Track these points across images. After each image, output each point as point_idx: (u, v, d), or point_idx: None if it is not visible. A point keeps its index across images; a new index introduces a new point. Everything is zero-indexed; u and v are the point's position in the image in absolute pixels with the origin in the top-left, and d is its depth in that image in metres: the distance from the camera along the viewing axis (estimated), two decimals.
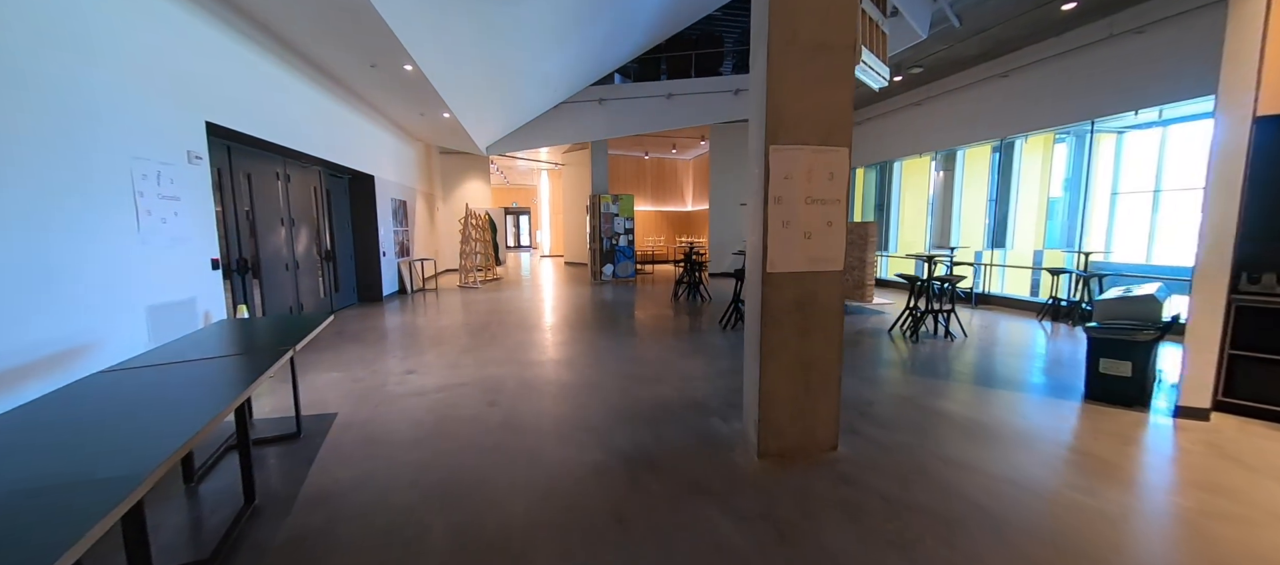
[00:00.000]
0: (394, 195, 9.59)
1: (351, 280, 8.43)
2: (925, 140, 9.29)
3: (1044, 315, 6.91)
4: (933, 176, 10.03)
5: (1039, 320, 6.77)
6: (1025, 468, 2.69)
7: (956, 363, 4.68)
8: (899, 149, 10.00)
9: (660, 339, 5.67)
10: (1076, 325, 6.34)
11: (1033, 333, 6.01)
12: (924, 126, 9.23)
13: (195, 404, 1.79)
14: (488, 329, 6.27)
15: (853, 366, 4.52)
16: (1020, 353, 5.07)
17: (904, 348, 5.24)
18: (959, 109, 8.53)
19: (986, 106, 8.02)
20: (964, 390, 3.92)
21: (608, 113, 10.63)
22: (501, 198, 25.73)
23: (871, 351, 5.10)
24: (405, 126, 9.98)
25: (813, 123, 2.59)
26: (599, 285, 10.87)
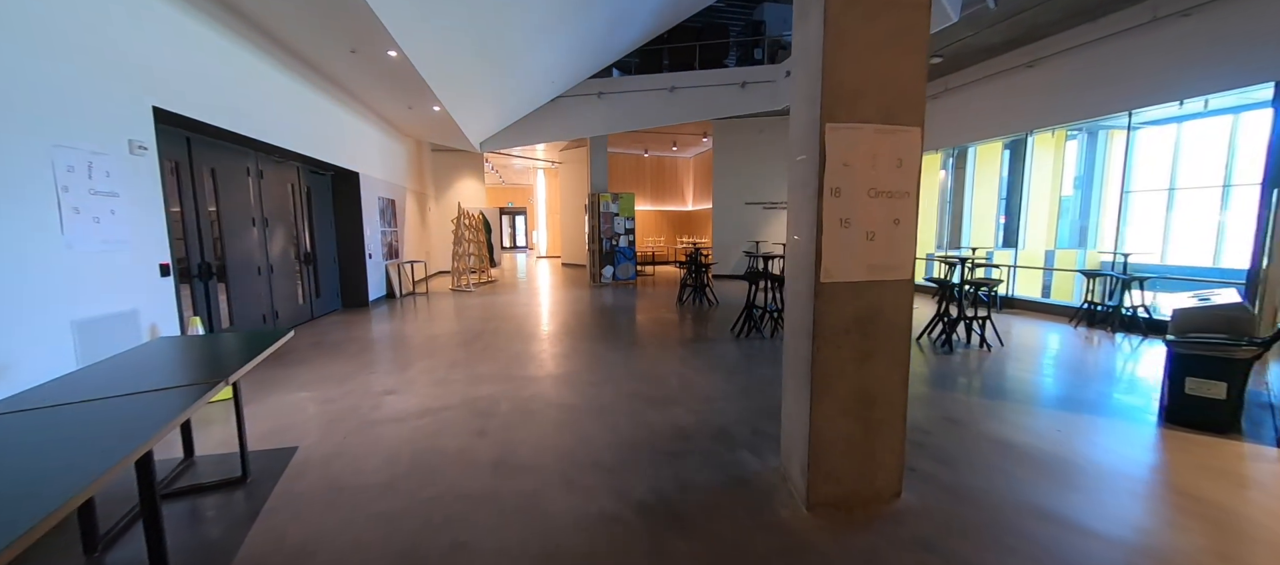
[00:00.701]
0: (381, 194, 9.04)
1: (334, 284, 7.87)
2: (941, 136, 8.82)
3: (1078, 320, 6.45)
4: (941, 175, 9.60)
5: (1073, 326, 6.30)
6: (1135, 520, 2.19)
7: (1002, 378, 4.19)
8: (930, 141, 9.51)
9: (669, 349, 5.16)
10: (1116, 332, 5.87)
11: (1071, 341, 5.53)
12: (940, 122, 8.76)
13: (60, 467, 1.27)
14: (480, 338, 5.74)
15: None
16: (1067, 365, 4.58)
17: (938, 360, 4.75)
18: (979, 102, 8.06)
19: (1009, 99, 7.56)
20: (1022, 412, 3.42)
21: (607, 107, 10.11)
22: (496, 197, 25.16)
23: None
24: (393, 121, 9.43)
25: (878, 96, 2.08)
26: (598, 288, 10.35)
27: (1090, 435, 3.07)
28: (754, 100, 9.53)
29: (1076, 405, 3.56)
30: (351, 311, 7.73)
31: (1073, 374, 4.32)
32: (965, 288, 5.33)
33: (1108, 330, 6.00)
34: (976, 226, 9.03)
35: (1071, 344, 5.40)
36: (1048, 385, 4.01)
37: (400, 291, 9.28)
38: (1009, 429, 3.15)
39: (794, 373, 2.37)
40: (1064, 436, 3.04)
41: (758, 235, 12.09)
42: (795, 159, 2.35)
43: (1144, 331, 5.74)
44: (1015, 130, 7.62)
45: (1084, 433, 3.10)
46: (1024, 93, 7.32)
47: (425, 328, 6.44)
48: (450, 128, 9.35)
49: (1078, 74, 6.60)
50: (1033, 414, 3.40)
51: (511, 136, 10.53)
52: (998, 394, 3.80)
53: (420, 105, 8.11)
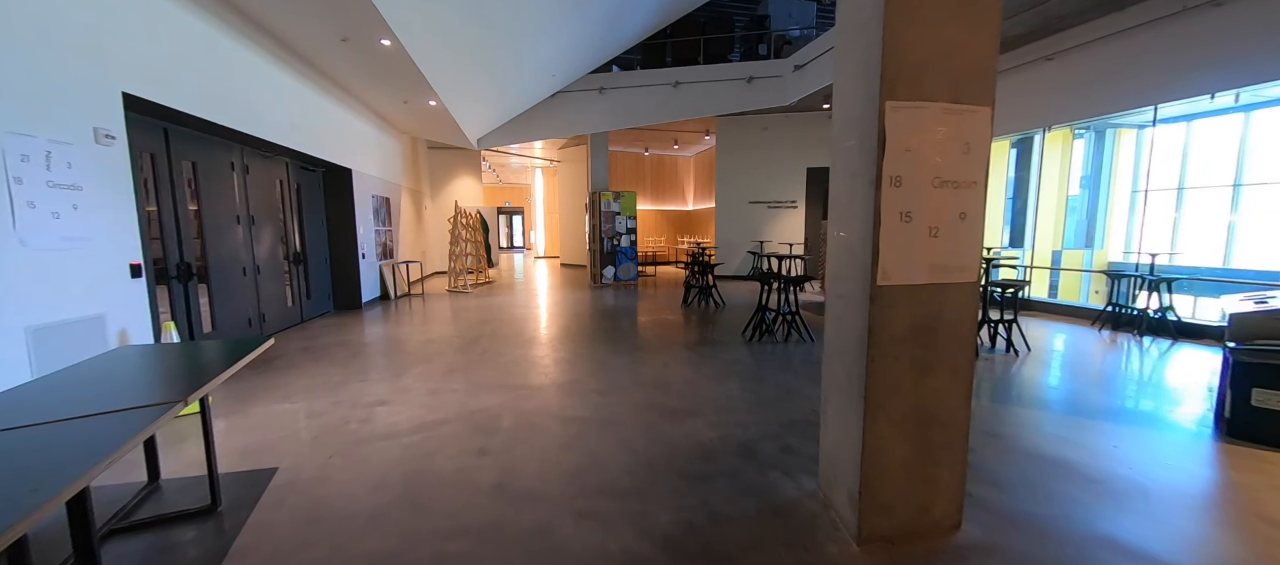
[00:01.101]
0: (375, 192, 8.72)
1: (326, 285, 7.55)
2: None
3: (1101, 323, 6.20)
4: None
5: (1097, 329, 6.05)
6: (1224, 554, 1.92)
7: (1036, 386, 3.92)
8: None
9: (679, 354, 4.87)
10: (1143, 335, 5.62)
11: (1098, 345, 5.28)
12: None
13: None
14: (478, 343, 5.44)
15: None
16: (1102, 371, 4.33)
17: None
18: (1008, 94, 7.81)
19: (1026, 94, 7.31)
20: (1066, 425, 3.16)
21: (609, 103, 9.82)
22: (494, 197, 24.82)
23: None
24: (388, 117, 9.11)
25: (945, 71, 1.80)
26: (599, 289, 10.06)
27: (1146, 450, 2.80)
28: (761, 96, 9.26)
29: (1123, 416, 3.30)
30: (344, 314, 7.42)
31: (1110, 381, 4.06)
32: (989, 289, 5.07)
33: (1134, 333, 5.76)
34: (986, 225, 8.78)
35: (1100, 348, 5.15)
36: (1086, 394, 3.75)
37: (395, 293, 8.96)
38: (1057, 444, 2.88)
39: (840, 388, 2.09)
40: (1119, 452, 2.78)
41: (762, 235, 11.83)
42: (841, 145, 2.07)
43: (1173, 335, 5.50)
44: (1031, 126, 7.38)
45: (1139, 447, 2.84)
46: (1042, 88, 7.09)
47: (421, 331, 6.13)
48: (447, 124, 9.04)
49: (1100, 68, 6.37)
50: (1078, 426, 3.14)
51: (510, 133, 10.23)
52: (1035, 403, 3.53)
53: (416, 99, 7.80)
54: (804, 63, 8.56)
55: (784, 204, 11.72)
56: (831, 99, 7.07)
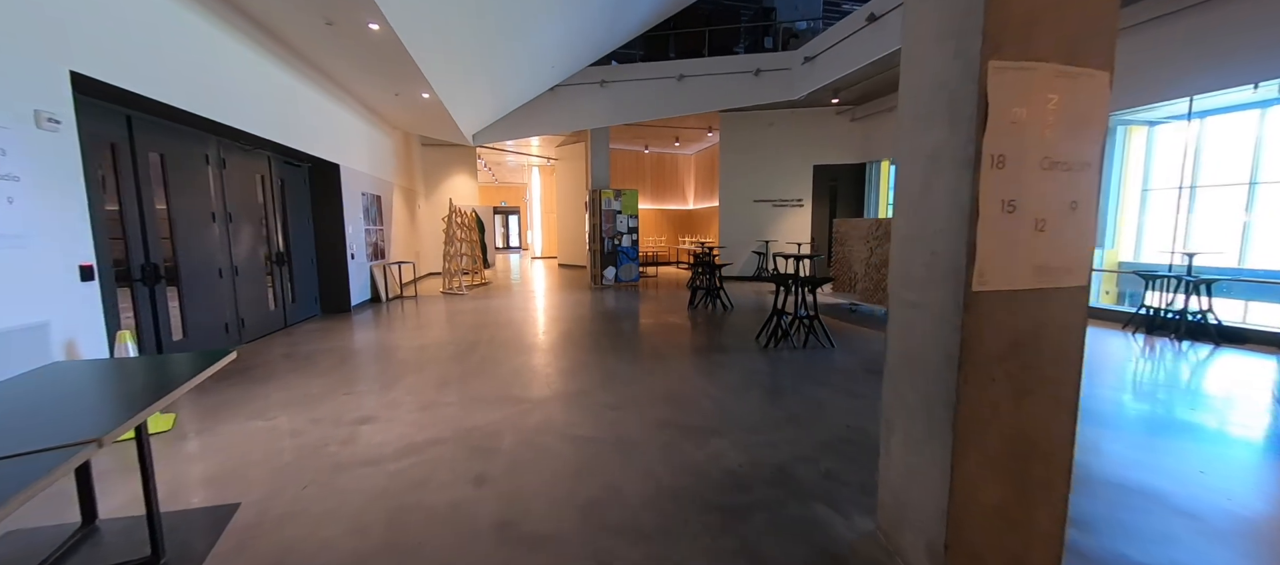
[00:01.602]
0: (366, 189, 8.32)
1: (312, 288, 7.15)
2: None
3: (1135, 326, 5.89)
4: None
5: (1130, 332, 5.74)
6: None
7: (1092, 399, 3.59)
8: None
9: (690, 362, 4.51)
10: (1181, 340, 5.31)
11: (1136, 351, 4.96)
12: None
13: None
14: (474, 350, 5.06)
15: None
16: (1155, 382, 4.00)
17: None
18: None
19: None
20: (1138, 445, 2.82)
21: (610, 97, 9.46)
22: (490, 197, 24.41)
23: None
24: (380, 111, 8.71)
25: (1056, 25, 1.45)
26: (600, 291, 9.69)
27: (1239, 476, 2.47)
28: (769, 89, 8.92)
29: (1194, 434, 2.96)
30: (331, 318, 7.01)
31: (1168, 393, 3.73)
32: None
33: (1171, 337, 5.45)
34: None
35: (1141, 355, 4.83)
36: (1147, 407, 3.42)
37: (386, 295, 8.56)
38: (1135, 469, 2.54)
39: (912, 415, 1.74)
40: (1209, 479, 2.44)
41: (767, 234, 11.49)
42: (913, 123, 1.72)
43: (1215, 340, 5.19)
44: None
45: (1228, 473, 2.50)
46: None
47: (413, 336, 5.75)
48: (441, 118, 8.65)
49: (1130, 57, 6.05)
50: (1150, 446, 2.80)
51: (507, 128, 9.85)
52: (1098, 421, 3.19)
53: (408, 91, 7.41)
54: (814, 54, 8.23)
55: (789, 202, 11.38)
56: (837, 89, 6.44)
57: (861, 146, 10.92)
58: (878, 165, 10.89)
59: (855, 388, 3.79)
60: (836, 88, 9.32)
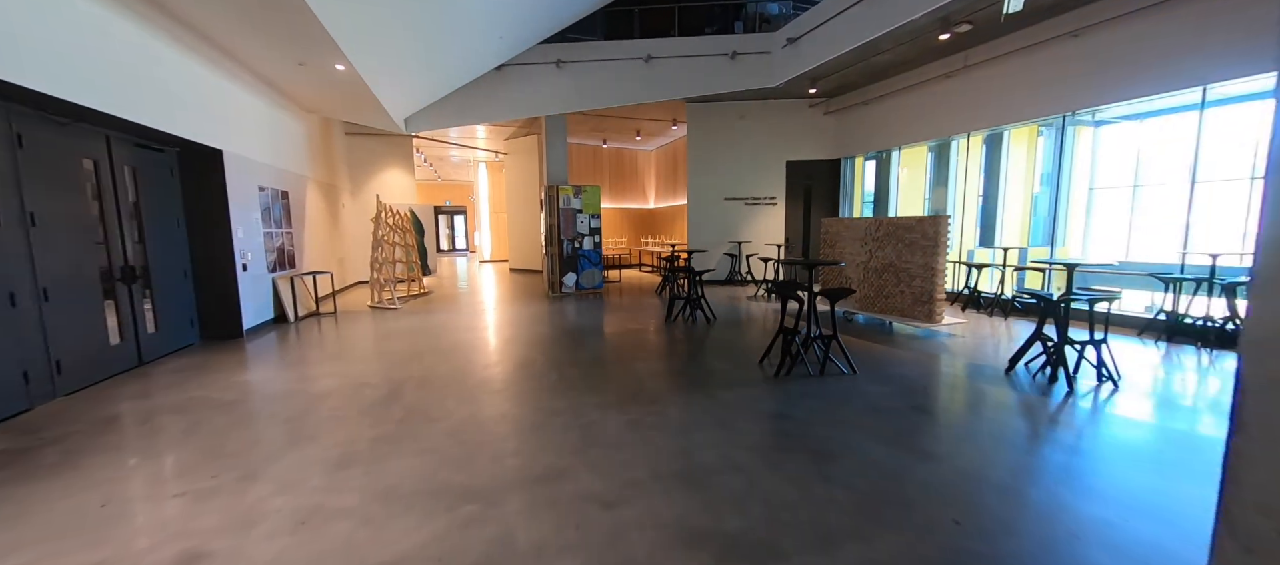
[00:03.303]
0: (265, 183, 6.71)
1: (187, 308, 5.53)
2: (967, 118, 7.70)
3: (1156, 334, 5.40)
4: (932, 167, 8.65)
5: (1151, 340, 5.23)
6: None
7: (1202, 441, 2.83)
8: (921, 130, 8.39)
9: (694, 404, 3.46)
10: (1208, 348, 4.83)
11: (1177, 363, 4.38)
12: (968, 102, 7.61)
13: None
14: (399, 396, 3.77)
15: (1073, 472, 2.54)
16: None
17: (1070, 407, 3.37)
18: (1011, 79, 6.97)
19: (1049, 74, 6.49)
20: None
21: (569, 80, 8.27)
22: (431, 194, 22.43)
23: (1047, 428, 3.16)
24: (285, 87, 7.10)
25: None
26: (560, 300, 8.48)
27: None
28: (745, 74, 8.04)
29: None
30: (214, 348, 5.43)
31: None
32: (1066, 304, 4.01)
33: (1196, 346, 4.96)
34: (1007, 221, 8.05)
35: (1187, 369, 4.24)
36: None
37: (296, 313, 6.98)
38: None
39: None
40: None
41: (739, 234, 10.67)
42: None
43: None
44: (1053, 111, 6.57)
45: None
46: (1067, 67, 6.27)
47: (319, 373, 4.35)
48: (364, 99, 7.16)
49: (1135, 44, 5.58)
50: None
51: (447, 113, 8.44)
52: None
53: (317, 60, 5.92)
54: (798, 35, 7.41)
55: (763, 200, 10.61)
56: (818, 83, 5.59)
57: (835, 142, 10.30)
58: (852, 162, 10.32)
59: (919, 440, 2.86)
60: (815, 76, 8.59)
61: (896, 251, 5.83)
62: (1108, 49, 5.83)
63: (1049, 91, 6.50)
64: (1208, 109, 5.34)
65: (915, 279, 5.63)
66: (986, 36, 6.81)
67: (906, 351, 4.89)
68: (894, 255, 5.86)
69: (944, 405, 3.47)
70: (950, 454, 2.69)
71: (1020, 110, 6.87)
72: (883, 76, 8.60)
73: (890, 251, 5.91)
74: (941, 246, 5.35)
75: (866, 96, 9.31)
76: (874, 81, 8.90)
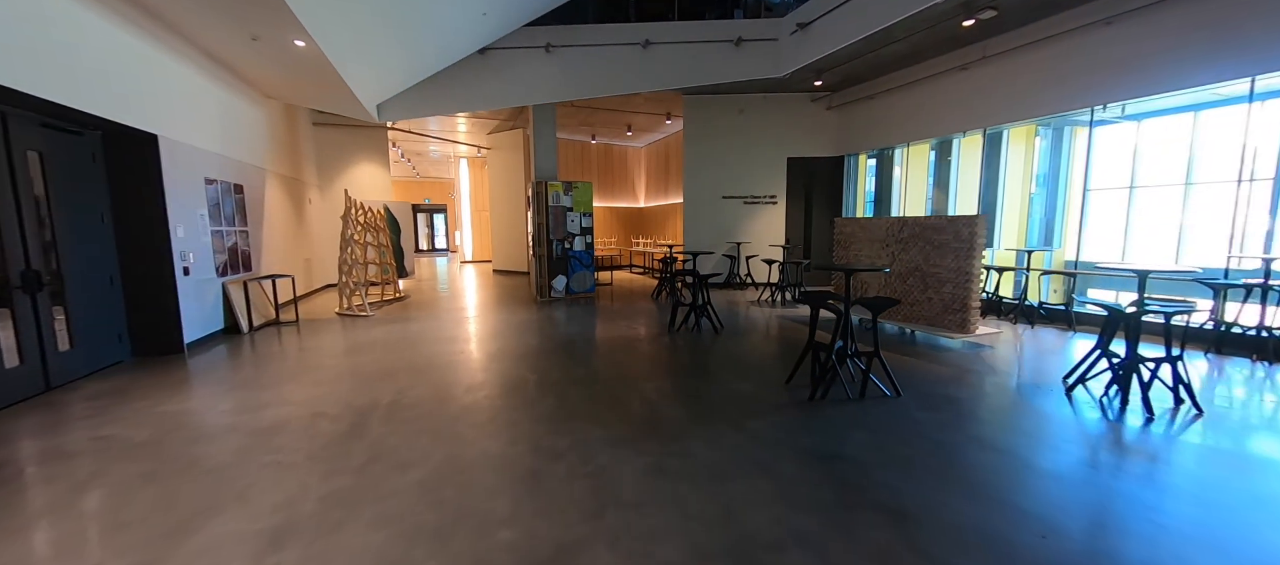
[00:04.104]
0: (214, 174, 5.91)
1: (114, 321, 4.73)
2: (974, 114, 7.27)
3: (1205, 346, 5.00)
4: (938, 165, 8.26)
5: (1202, 353, 4.82)
6: None
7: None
8: (932, 126, 7.95)
9: (725, 440, 2.87)
10: (1266, 361, 4.42)
11: (1243, 377, 3.95)
12: (984, 93, 7.17)
13: None
14: (362, 432, 3.09)
15: (1202, 527, 2.01)
16: None
17: (1158, 438, 2.87)
18: (1035, 71, 6.54)
19: (1072, 65, 6.07)
20: None
21: (559, 65, 7.61)
22: (409, 192, 21.48)
23: (1155, 469, 2.65)
24: (239, 68, 6.30)
25: None
26: (549, 305, 7.81)
27: None
28: (750, 62, 7.49)
29: None
30: (148, 365, 4.65)
31: None
32: (1138, 317, 3.53)
33: (1253, 358, 4.56)
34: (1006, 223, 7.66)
35: (1260, 385, 3.80)
36: None
37: (250, 323, 6.18)
38: None
39: None
40: None
41: (738, 235, 10.13)
42: None
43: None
44: (1081, 105, 6.15)
45: None
46: (1096, 57, 5.85)
47: (265, 400, 3.63)
48: (330, 82, 6.39)
49: (1177, 32, 5.18)
50: None
51: (424, 101, 7.70)
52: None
53: (273, 33, 5.17)
54: (809, 20, 6.88)
55: (762, 199, 10.09)
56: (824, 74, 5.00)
57: (838, 138, 9.84)
58: (856, 159, 9.87)
59: (1009, 491, 2.31)
60: (821, 68, 8.09)
61: (923, 254, 5.33)
62: (1148, 36, 5.41)
63: (1076, 83, 6.07)
64: (1255, 102, 4.96)
65: (945, 284, 5.13)
66: (1010, 24, 6.37)
67: (943, 366, 4.37)
68: (921, 258, 5.35)
69: (1016, 439, 2.94)
70: (1058, 515, 2.14)
71: (1045, 104, 6.44)
72: (892, 69, 8.15)
73: (916, 254, 5.41)
74: (977, 249, 4.86)
75: (872, 90, 8.85)
76: (882, 74, 8.44)
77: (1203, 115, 5.76)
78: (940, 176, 8.47)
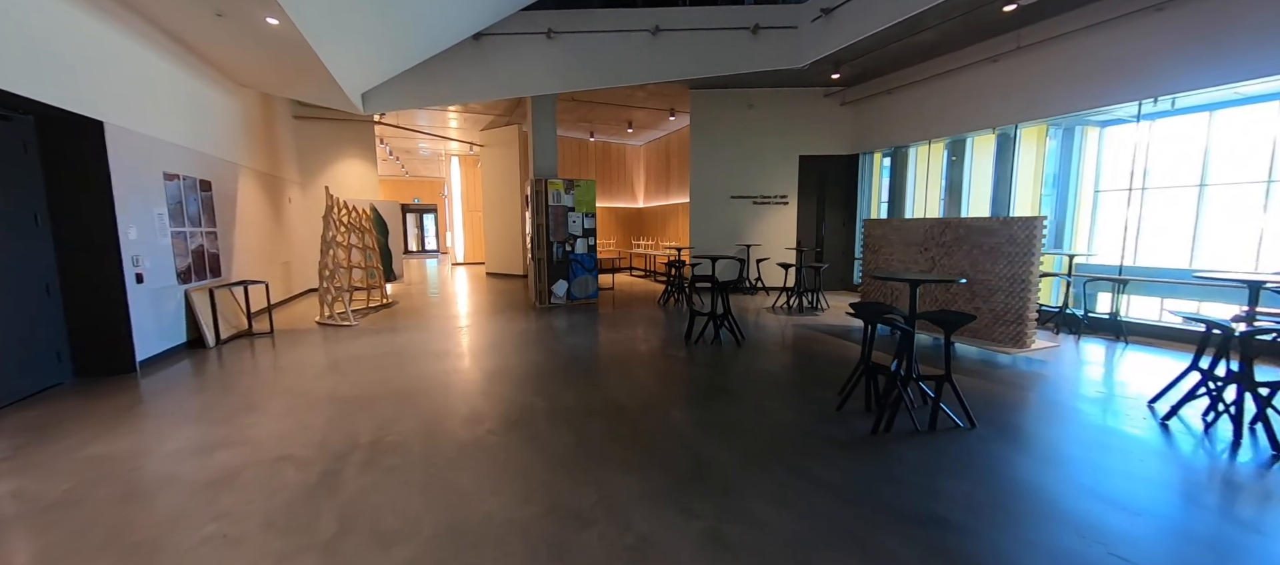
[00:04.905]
0: (174, 168, 5.26)
1: (51, 336, 4.07)
2: (1005, 108, 6.79)
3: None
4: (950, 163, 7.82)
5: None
6: None
7: None
8: (956, 122, 7.47)
9: (787, 490, 2.31)
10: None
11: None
12: (1008, 89, 6.70)
13: None
14: (338, 477, 2.49)
15: None
16: None
17: (1250, 473, 2.36)
18: (1069, 62, 6.08)
19: (1118, 52, 5.61)
20: None
21: (561, 53, 7.03)
22: (399, 192, 20.74)
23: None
24: (205, 49, 5.65)
25: None
26: (549, 313, 7.22)
27: None
28: (767, 51, 6.97)
29: None
30: (88, 390, 3.99)
31: None
32: (1258, 335, 3.03)
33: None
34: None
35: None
36: None
37: (217, 335, 5.52)
38: None
39: None
40: None
41: (747, 237, 9.61)
42: None
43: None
44: (1126, 98, 5.68)
45: None
46: (1149, 44, 5.39)
47: (220, 438, 3.02)
48: (308, 67, 5.76)
49: (1244, 12, 4.72)
50: None
51: (413, 90, 7.08)
52: None
53: (240, 9, 4.54)
54: (833, 5, 6.36)
55: (773, 199, 9.58)
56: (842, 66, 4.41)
57: (852, 135, 9.36)
58: (870, 157, 9.39)
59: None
60: (840, 59, 7.59)
61: (971, 259, 4.82)
62: (1209, 19, 4.95)
63: (1123, 72, 5.60)
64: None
65: (996, 293, 4.63)
66: (1052, 10, 5.90)
67: (1003, 387, 3.86)
68: (968, 264, 4.85)
69: (1141, 491, 2.41)
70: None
71: (1087, 97, 5.96)
72: (915, 61, 7.67)
73: (962, 259, 4.90)
74: (1036, 253, 4.36)
75: (891, 84, 8.37)
76: (903, 67, 7.96)
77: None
78: (953, 177, 8.07)
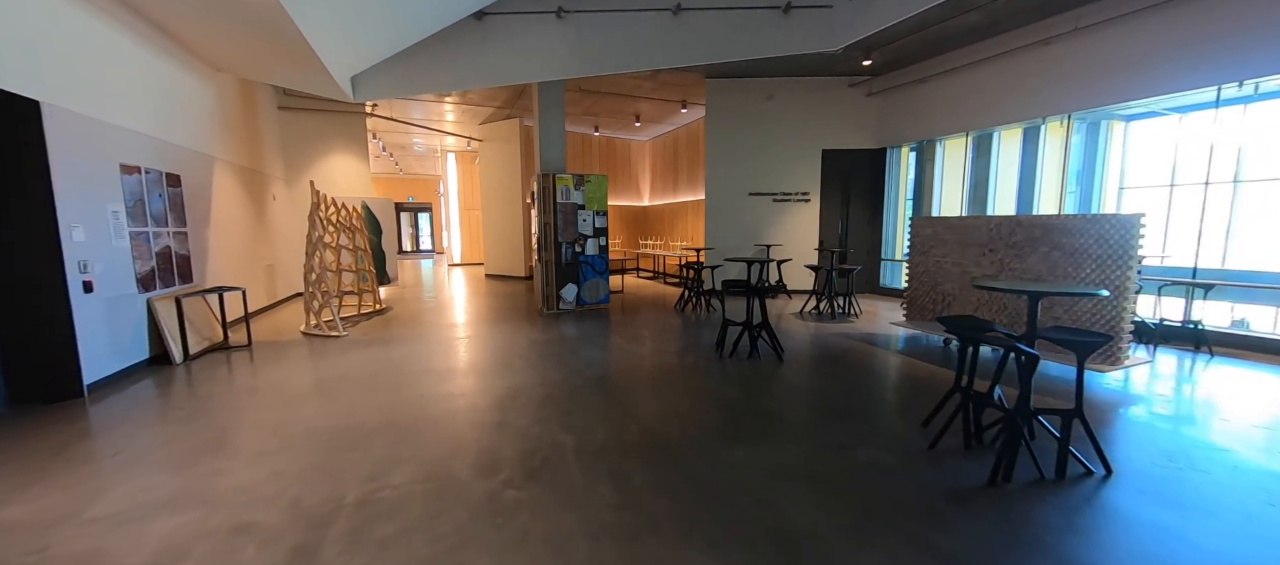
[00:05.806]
0: (140, 161, 4.58)
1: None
2: (1059, 96, 6.21)
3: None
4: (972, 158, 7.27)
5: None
6: None
7: None
8: (1000, 112, 6.89)
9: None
10: None
11: None
12: (1062, 75, 6.11)
13: None
14: (313, 557, 1.85)
15: None
16: None
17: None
18: (1132, 44, 5.50)
19: (1194, 33, 5.04)
20: None
21: (572, 34, 6.39)
22: (393, 190, 20.00)
23: None
24: (171, 25, 4.97)
25: None
26: (559, 321, 6.58)
27: None
28: (799, 33, 6.36)
29: None
30: (19, 423, 3.32)
31: None
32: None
33: None
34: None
35: None
36: None
37: (185, 350, 4.85)
38: None
39: None
40: None
41: (767, 236, 9.02)
42: None
43: None
44: (1204, 83, 5.11)
45: None
46: (1226, 25, 4.82)
47: (166, 492, 2.37)
48: (291, 46, 5.09)
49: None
50: None
51: (409, 75, 6.41)
52: None
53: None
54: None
55: (794, 196, 8.99)
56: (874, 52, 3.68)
57: (878, 128, 8.78)
58: (898, 152, 8.82)
59: None
60: (872, 45, 7.01)
61: (1048, 262, 4.23)
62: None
63: (1203, 53, 5.03)
64: None
65: (1080, 303, 4.04)
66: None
67: (1115, 415, 3.26)
68: (1044, 268, 4.26)
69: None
70: None
71: (1157, 81, 5.38)
72: (956, 46, 7.10)
73: (1037, 262, 4.31)
74: (1133, 257, 3.77)
75: (918, 74, 7.81)
76: (941, 53, 7.39)
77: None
78: (979, 171, 7.57)
